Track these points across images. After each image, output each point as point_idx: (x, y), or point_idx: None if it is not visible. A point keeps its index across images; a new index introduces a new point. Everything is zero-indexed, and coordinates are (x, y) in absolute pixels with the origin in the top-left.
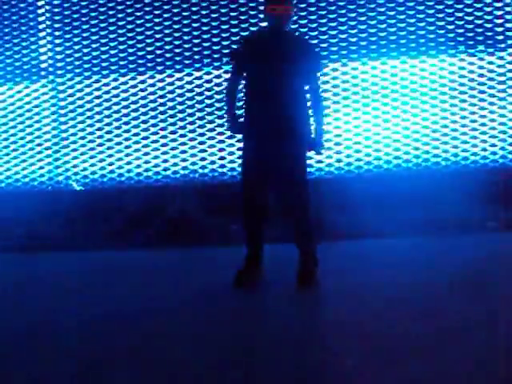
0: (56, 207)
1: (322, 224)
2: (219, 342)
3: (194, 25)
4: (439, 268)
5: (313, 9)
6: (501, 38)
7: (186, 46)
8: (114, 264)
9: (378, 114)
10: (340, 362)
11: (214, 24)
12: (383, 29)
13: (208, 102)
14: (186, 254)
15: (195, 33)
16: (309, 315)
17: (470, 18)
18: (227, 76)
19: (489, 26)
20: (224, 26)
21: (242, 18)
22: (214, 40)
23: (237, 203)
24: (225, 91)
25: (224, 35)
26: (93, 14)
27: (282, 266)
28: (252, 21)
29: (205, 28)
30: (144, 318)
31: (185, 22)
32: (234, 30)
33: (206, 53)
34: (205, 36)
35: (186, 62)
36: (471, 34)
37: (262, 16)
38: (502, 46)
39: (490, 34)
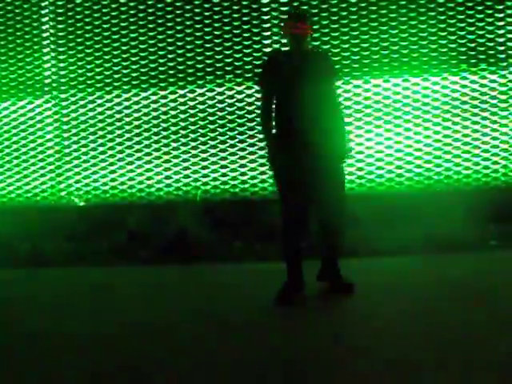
0: (58, 223)
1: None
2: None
3: (198, 42)
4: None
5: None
6: (503, 56)
7: (190, 62)
8: (115, 280)
9: (380, 132)
10: None
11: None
12: (385, 47)
13: (210, 118)
14: (189, 270)
15: (198, 50)
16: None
17: (473, 37)
18: (256, 100)
19: (491, 44)
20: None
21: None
22: (218, 57)
23: (239, 219)
24: (261, 121)
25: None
26: (97, 31)
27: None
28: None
29: (211, 44)
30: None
31: (188, 38)
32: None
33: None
34: (208, 53)
35: (189, 78)
36: (473, 53)
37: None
38: (505, 64)
39: (492, 52)
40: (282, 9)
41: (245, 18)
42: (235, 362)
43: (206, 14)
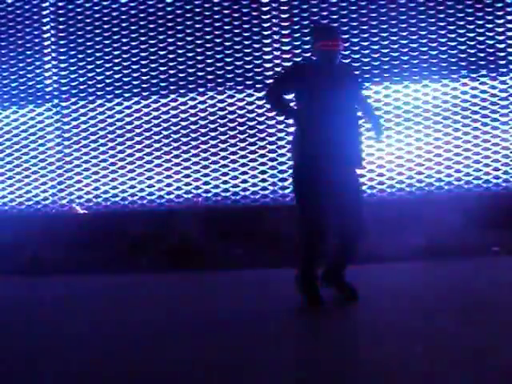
0: (59, 230)
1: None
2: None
3: (198, 50)
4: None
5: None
6: (503, 62)
7: (190, 70)
8: (116, 288)
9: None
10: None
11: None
12: (385, 53)
13: (211, 126)
14: (190, 278)
15: (200, 57)
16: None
17: (473, 43)
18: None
19: (491, 50)
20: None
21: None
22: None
23: (241, 227)
24: (270, 105)
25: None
26: (98, 39)
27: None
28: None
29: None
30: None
31: (188, 46)
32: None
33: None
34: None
35: (189, 86)
36: (474, 59)
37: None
38: (505, 70)
39: (492, 58)
40: (283, 16)
41: (245, 26)
42: (236, 367)
43: (207, 21)
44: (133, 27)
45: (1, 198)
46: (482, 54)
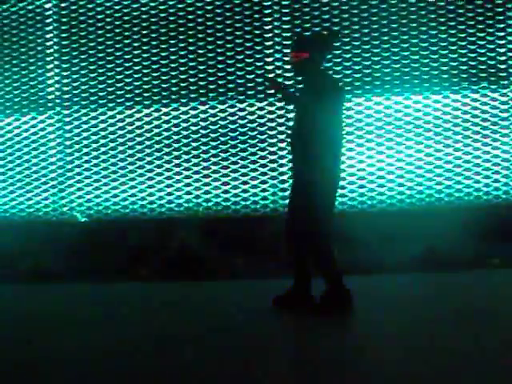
0: (59, 238)
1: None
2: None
3: (200, 59)
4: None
5: None
6: (504, 74)
7: (192, 80)
8: (116, 297)
9: (381, 150)
10: None
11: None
12: (386, 65)
13: (212, 135)
14: (190, 287)
15: (202, 67)
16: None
17: (473, 55)
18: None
19: (492, 62)
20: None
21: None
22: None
23: (241, 236)
24: None
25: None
26: (100, 47)
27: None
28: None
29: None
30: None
31: (191, 56)
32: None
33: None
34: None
35: (191, 95)
36: (474, 71)
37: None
38: (505, 82)
39: (493, 70)
40: (285, 27)
41: (247, 36)
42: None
43: (209, 31)
44: (135, 36)
45: (1, 205)
46: (482, 67)
